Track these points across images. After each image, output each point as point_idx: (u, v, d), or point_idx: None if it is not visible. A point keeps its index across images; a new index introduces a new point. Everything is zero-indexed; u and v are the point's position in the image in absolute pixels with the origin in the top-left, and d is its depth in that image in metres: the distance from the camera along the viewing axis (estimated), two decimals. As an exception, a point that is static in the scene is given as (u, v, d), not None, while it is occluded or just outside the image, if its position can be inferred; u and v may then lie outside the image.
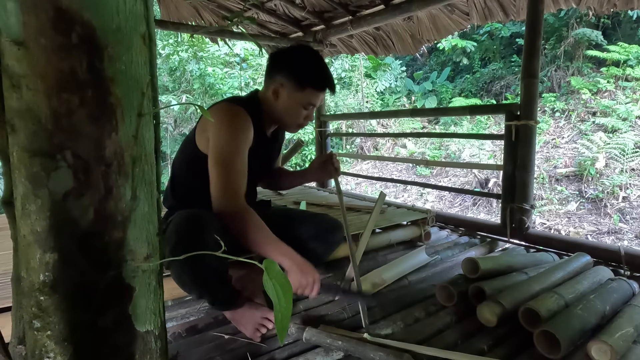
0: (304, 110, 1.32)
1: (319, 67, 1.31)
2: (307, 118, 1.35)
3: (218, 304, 1.22)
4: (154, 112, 0.58)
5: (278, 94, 1.30)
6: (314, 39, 3.21)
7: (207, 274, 1.10)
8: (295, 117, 1.33)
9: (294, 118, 1.33)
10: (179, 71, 8.49)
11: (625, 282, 1.35)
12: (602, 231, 4.45)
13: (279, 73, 1.29)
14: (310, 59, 1.30)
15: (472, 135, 5.77)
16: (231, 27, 2.69)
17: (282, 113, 1.33)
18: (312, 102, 1.31)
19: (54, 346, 0.52)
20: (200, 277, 1.10)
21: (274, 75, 1.30)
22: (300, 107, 1.30)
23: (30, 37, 0.47)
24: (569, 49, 7.15)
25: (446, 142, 7.15)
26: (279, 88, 1.29)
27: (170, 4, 2.92)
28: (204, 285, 1.12)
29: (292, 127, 1.39)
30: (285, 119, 1.35)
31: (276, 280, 0.52)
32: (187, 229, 1.08)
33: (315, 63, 1.31)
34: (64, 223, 0.51)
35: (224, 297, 1.20)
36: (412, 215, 2.15)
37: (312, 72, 1.28)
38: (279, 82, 1.29)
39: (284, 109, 1.31)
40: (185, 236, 1.06)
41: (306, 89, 1.28)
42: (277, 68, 1.31)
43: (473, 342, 1.16)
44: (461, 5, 2.53)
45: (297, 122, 1.35)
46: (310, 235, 1.43)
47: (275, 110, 1.33)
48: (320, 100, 1.34)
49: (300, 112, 1.32)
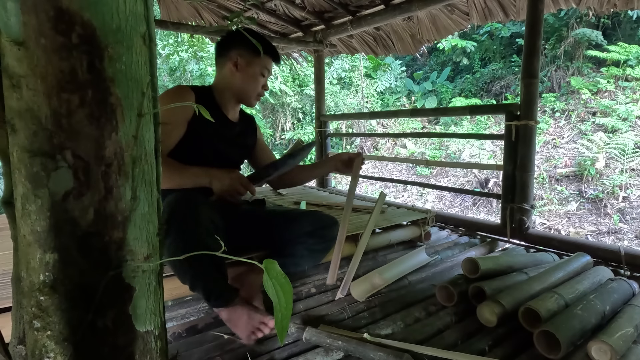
0: (262, 78, 1.47)
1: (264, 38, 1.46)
2: (264, 87, 1.50)
3: (214, 298, 1.18)
4: (154, 112, 0.58)
5: (237, 65, 1.43)
6: (314, 39, 3.21)
7: (204, 259, 1.10)
8: (254, 85, 1.46)
9: (254, 86, 1.46)
10: (179, 71, 8.49)
11: (625, 282, 1.35)
12: (602, 231, 4.45)
13: (233, 49, 1.44)
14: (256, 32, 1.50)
15: (472, 136, 5.77)
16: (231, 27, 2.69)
17: (242, 84, 1.45)
18: (267, 67, 1.47)
19: (54, 346, 0.52)
20: (196, 261, 1.08)
21: (228, 54, 1.44)
22: (259, 74, 1.45)
23: (30, 37, 0.47)
24: (569, 49, 7.15)
25: (446, 142, 7.15)
26: (237, 60, 1.43)
27: (170, 4, 2.92)
28: (198, 270, 1.12)
29: (253, 98, 1.49)
30: (246, 89, 1.46)
31: (276, 280, 0.52)
32: (180, 208, 1.12)
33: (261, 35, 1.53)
34: (64, 223, 0.51)
35: (220, 289, 1.17)
36: (412, 215, 2.15)
37: (263, 42, 1.40)
38: (235, 56, 1.43)
39: (245, 78, 1.44)
40: (179, 215, 1.10)
41: (262, 55, 1.42)
42: (229, 46, 1.45)
43: (473, 342, 1.16)
44: (461, 5, 2.53)
45: (257, 90, 1.48)
46: (307, 232, 1.44)
47: (234, 84, 1.45)
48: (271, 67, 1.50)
49: (259, 80, 1.46)
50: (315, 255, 1.52)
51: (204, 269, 1.13)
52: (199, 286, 1.16)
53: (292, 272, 1.52)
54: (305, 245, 1.45)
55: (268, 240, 1.48)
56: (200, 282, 1.15)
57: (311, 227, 1.45)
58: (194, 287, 1.18)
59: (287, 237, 1.45)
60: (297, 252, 1.45)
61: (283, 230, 1.45)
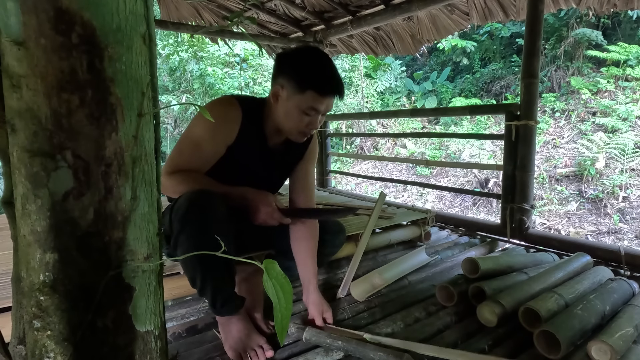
0: (305, 116, 1.20)
1: (323, 69, 1.19)
2: (310, 125, 1.22)
3: (220, 304, 1.12)
4: (154, 112, 0.58)
5: (278, 97, 1.22)
6: (314, 39, 3.21)
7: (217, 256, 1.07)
8: (294, 122, 1.21)
9: (293, 123, 1.22)
10: (179, 71, 8.50)
11: (625, 282, 1.35)
12: (602, 231, 4.45)
13: (281, 75, 1.21)
14: (315, 60, 1.20)
15: (472, 136, 5.77)
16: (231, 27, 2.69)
17: (281, 118, 1.23)
18: (314, 107, 1.18)
19: (54, 346, 0.52)
20: (208, 263, 1.06)
21: (277, 77, 1.22)
22: (300, 111, 1.19)
23: (30, 37, 0.47)
24: (569, 49, 7.15)
25: (446, 142, 7.15)
26: (279, 90, 1.20)
27: (170, 4, 2.92)
28: (210, 273, 1.08)
29: (293, 134, 1.26)
30: (284, 124, 1.24)
31: (276, 281, 0.52)
32: (198, 200, 1.07)
33: (320, 65, 1.20)
34: (64, 223, 0.51)
35: (227, 296, 1.12)
36: (412, 215, 2.15)
37: (314, 74, 1.17)
38: (279, 84, 1.20)
39: (283, 113, 1.22)
40: (196, 207, 1.05)
41: (306, 91, 1.16)
42: (280, 69, 1.22)
43: (473, 342, 1.16)
44: (461, 5, 2.53)
45: (298, 129, 1.23)
46: None
47: (275, 114, 1.24)
48: (325, 105, 1.21)
49: (300, 118, 1.20)
50: (321, 259, 1.49)
51: (216, 270, 1.09)
52: (209, 289, 1.10)
53: (297, 275, 1.50)
54: None
55: (273, 243, 1.47)
56: (210, 285, 1.10)
57: (320, 233, 1.41)
58: (203, 289, 1.11)
59: None
60: None
61: (288, 234, 1.43)
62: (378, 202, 1.67)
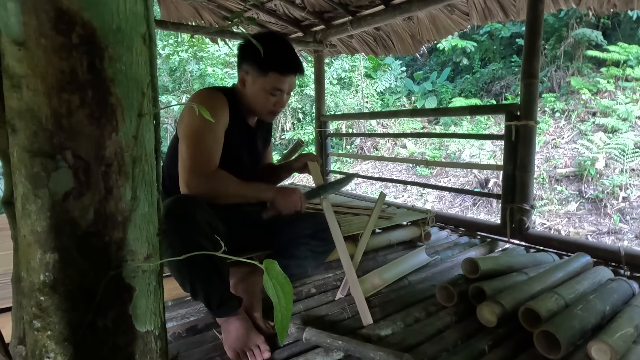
0: (271, 97, 1.32)
1: (282, 51, 1.29)
2: (277, 104, 1.35)
3: (215, 306, 1.14)
4: (154, 112, 0.58)
5: (245, 82, 1.32)
6: (314, 39, 3.21)
7: (202, 260, 1.07)
8: (263, 103, 1.33)
9: (262, 104, 1.33)
10: (179, 71, 8.50)
11: (625, 282, 1.35)
12: (602, 231, 4.45)
13: (245, 62, 1.31)
14: (273, 44, 1.27)
15: (472, 136, 5.77)
16: (231, 28, 2.69)
17: (250, 101, 1.34)
18: (277, 87, 1.30)
19: (54, 346, 0.52)
20: (194, 265, 1.06)
21: (241, 65, 1.33)
22: (266, 92, 1.30)
23: (30, 37, 0.47)
24: (569, 49, 7.14)
25: (446, 142, 7.15)
26: (245, 76, 1.31)
27: (170, 4, 2.92)
28: (198, 275, 1.09)
29: (264, 114, 1.38)
30: (254, 107, 1.35)
31: (276, 281, 0.52)
32: (176, 208, 1.08)
33: (278, 48, 1.29)
34: (64, 223, 0.51)
35: (221, 297, 1.13)
36: (412, 216, 2.15)
37: (274, 57, 1.25)
38: (244, 70, 1.31)
39: (251, 96, 1.33)
40: (174, 214, 1.06)
41: (269, 73, 1.28)
42: (243, 57, 1.33)
43: (473, 342, 1.16)
44: (461, 6, 2.53)
45: (267, 109, 1.35)
46: (309, 235, 1.44)
47: (245, 99, 1.35)
48: (287, 84, 1.32)
49: (267, 98, 1.32)
50: (317, 256, 1.51)
51: (203, 274, 1.10)
52: (200, 293, 1.12)
53: (295, 274, 1.51)
54: (307, 247, 1.45)
55: (270, 243, 1.48)
56: (200, 288, 1.11)
57: (312, 230, 1.44)
58: (194, 293, 1.13)
59: (289, 239, 1.44)
60: (299, 254, 1.44)
61: (284, 232, 1.44)
62: (378, 202, 1.67)
